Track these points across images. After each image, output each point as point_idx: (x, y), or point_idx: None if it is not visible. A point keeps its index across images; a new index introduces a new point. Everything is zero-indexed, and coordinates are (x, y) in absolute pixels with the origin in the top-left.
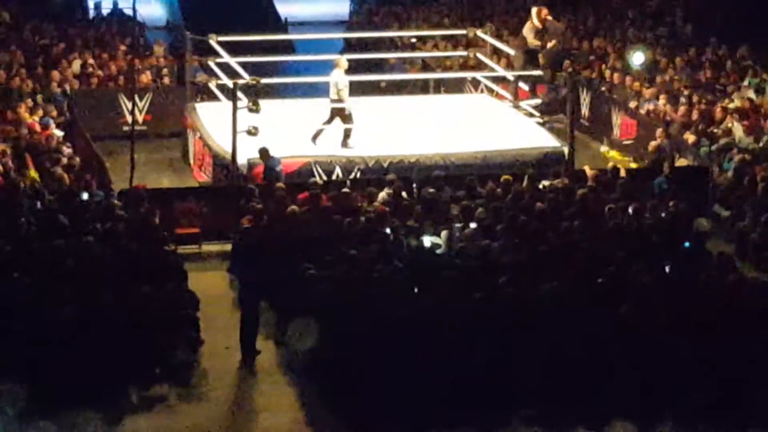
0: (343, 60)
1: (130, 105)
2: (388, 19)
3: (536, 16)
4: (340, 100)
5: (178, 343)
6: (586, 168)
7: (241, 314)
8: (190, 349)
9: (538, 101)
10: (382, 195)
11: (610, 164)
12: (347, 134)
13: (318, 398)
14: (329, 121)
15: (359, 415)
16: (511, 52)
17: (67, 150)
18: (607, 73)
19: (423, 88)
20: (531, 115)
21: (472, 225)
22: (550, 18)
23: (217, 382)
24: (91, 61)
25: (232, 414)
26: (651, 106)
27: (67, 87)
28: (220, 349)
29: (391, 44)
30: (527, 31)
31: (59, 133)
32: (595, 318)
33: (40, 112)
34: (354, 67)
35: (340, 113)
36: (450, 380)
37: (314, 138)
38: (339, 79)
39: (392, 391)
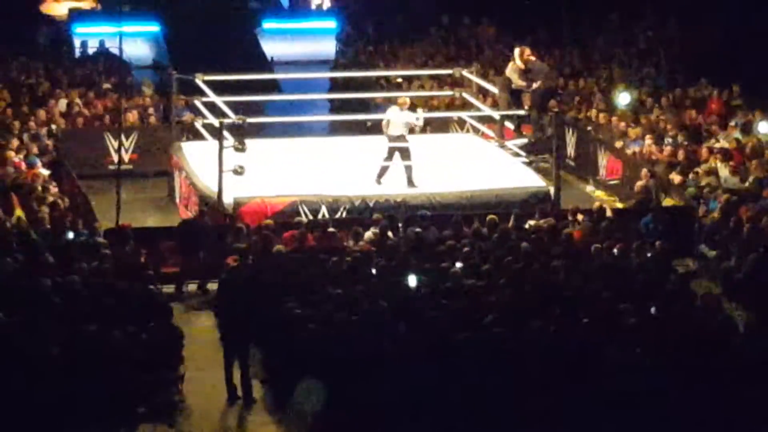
0: (407, 99)
1: (116, 144)
2: (374, 59)
3: (519, 56)
4: (402, 138)
5: (163, 382)
6: (571, 207)
7: (226, 353)
8: (175, 388)
9: (524, 141)
10: (368, 234)
11: (596, 204)
12: (411, 171)
13: None
14: (389, 158)
15: None
16: (497, 91)
17: (53, 189)
18: (593, 113)
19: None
20: (517, 154)
21: (458, 265)
22: (533, 58)
23: (203, 421)
24: (77, 100)
25: None
26: (636, 147)
27: (53, 126)
28: (205, 387)
29: (377, 84)
30: (510, 72)
31: (45, 172)
32: (581, 358)
33: (26, 151)
34: (339, 107)
35: (401, 151)
36: (436, 418)
37: (379, 177)
38: (406, 117)
39: (379, 428)
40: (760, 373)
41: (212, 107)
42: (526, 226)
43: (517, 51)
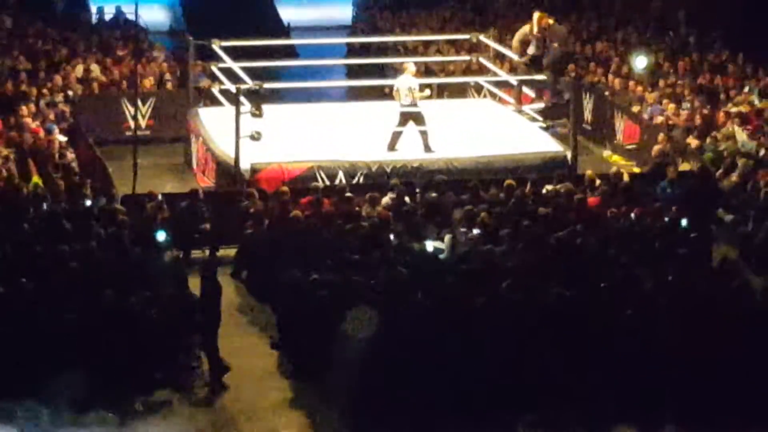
0: (411, 65)
1: (132, 110)
2: (391, 24)
3: (537, 22)
4: (413, 104)
5: (180, 348)
6: (589, 172)
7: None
8: (192, 354)
9: (541, 105)
10: (385, 200)
11: (613, 169)
12: (426, 136)
13: (321, 400)
14: (403, 124)
15: (361, 418)
16: (514, 56)
17: (70, 155)
18: (610, 77)
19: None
20: (534, 119)
21: (476, 230)
22: (551, 22)
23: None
24: (94, 66)
25: (234, 418)
26: (654, 111)
27: (70, 92)
28: (222, 353)
29: (394, 49)
30: (521, 37)
31: (62, 138)
32: (599, 322)
33: (43, 117)
34: (356, 72)
35: (413, 117)
36: (453, 385)
37: (391, 145)
38: (411, 83)
39: (394, 396)
40: None
41: (229, 73)
42: (544, 191)
43: (536, 16)
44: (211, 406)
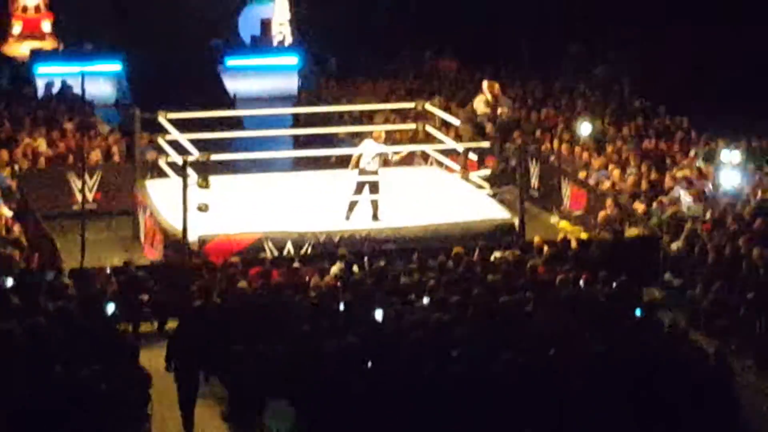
0: (382, 132)
1: (80, 183)
2: (336, 94)
3: (488, 89)
4: (375, 172)
5: (132, 421)
6: (537, 239)
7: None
8: (143, 426)
9: (487, 173)
10: (334, 269)
11: (560, 235)
12: (377, 205)
13: None
14: (359, 192)
15: None
16: (459, 123)
17: (17, 230)
18: (556, 143)
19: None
20: (481, 186)
21: (425, 299)
22: (500, 93)
23: None
24: (40, 140)
25: None
26: (600, 177)
27: (16, 167)
28: (171, 426)
29: (340, 119)
30: (477, 102)
31: (9, 213)
32: (548, 389)
33: None
34: (303, 142)
35: (371, 184)
36: None
37: (349, 212)
38: (380, 148)
39: None
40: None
41: (176, 145)
42: (492, 258)
43: (485, 84)
44: None
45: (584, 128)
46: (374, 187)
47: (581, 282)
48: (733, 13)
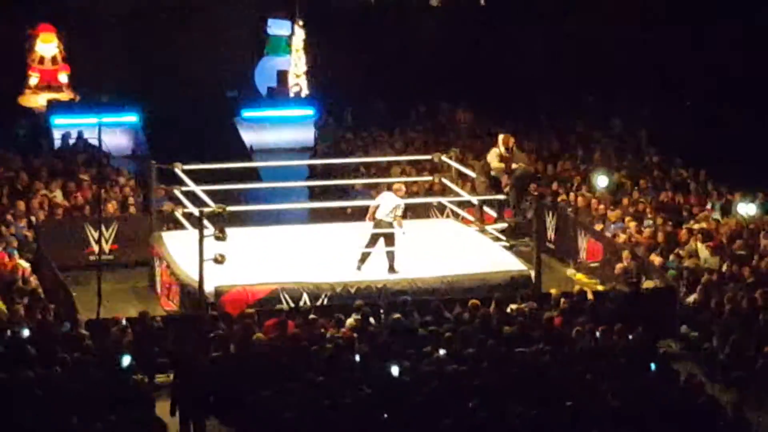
0: (402, 186)
1: (96, 235)
2: (353, 145)
3: (503, 143)
4: (390, 224)
5: None
6: (553, 291)
7: None
8: None
9: (504, 225)
10: (350, 321)
11: (577, 287)
12: (393, 257)
13: None
14: (372, 244)
15: None
16: (475, 176)
17: (33, 281)
18: (572, 196)
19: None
20: (497, 239)
21: (441, 350)
22: (514, 147)
23: None
24: (57, 191)
25: None
26: (616, 229)
27: (33, 218)
28: None
29: (356, 170)
30: (492, 157)
31: (26, 264)
32: None
33: (6, 243)
34: (319, 194)
35: (387, 236)
36: None
37: (360, 263)
38: (398, 201)
39: None
40: None
41: (192, 196)
42: (508, 310)
43: (501, 137)
44: None
45: (600, 180)
46: (390, 239)
47: (597, 334)
48: (749, 67)
